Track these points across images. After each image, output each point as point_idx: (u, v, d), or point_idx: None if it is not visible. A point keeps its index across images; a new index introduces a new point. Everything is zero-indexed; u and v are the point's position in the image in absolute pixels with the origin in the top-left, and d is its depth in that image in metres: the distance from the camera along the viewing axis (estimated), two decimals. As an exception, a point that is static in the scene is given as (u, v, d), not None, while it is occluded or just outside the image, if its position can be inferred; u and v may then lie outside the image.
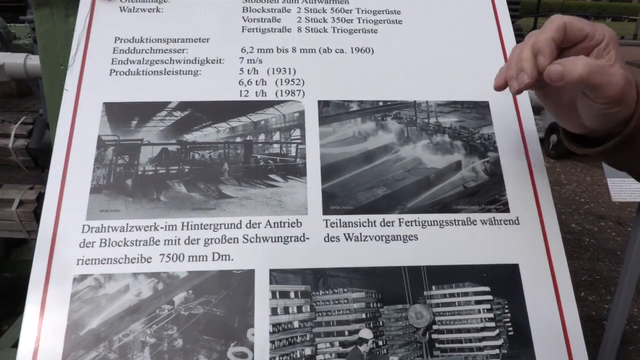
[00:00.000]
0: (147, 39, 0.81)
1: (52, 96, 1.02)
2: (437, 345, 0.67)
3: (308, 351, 0.65)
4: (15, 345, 1.98)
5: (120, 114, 0.76)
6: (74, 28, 0.88)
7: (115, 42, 0.81)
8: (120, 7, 0.83)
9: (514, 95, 0.59)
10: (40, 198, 1.94)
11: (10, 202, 1.97)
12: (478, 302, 0.69)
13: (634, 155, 0.60)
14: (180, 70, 0.80)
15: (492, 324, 0.68)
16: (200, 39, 0.82)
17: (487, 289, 0.69)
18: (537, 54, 0.56)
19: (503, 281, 0.70)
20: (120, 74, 0.79)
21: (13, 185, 2.07)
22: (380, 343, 0.66)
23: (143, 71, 0.79)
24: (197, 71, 0.80)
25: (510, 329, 0.68)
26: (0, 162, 1.98)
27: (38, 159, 1.96)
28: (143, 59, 0.80)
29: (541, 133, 5.15)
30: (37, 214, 1.94)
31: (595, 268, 3.21)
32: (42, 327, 0.64)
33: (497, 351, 0.66)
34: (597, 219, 3.93)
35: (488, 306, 0.69)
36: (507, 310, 0.68)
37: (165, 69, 0.79)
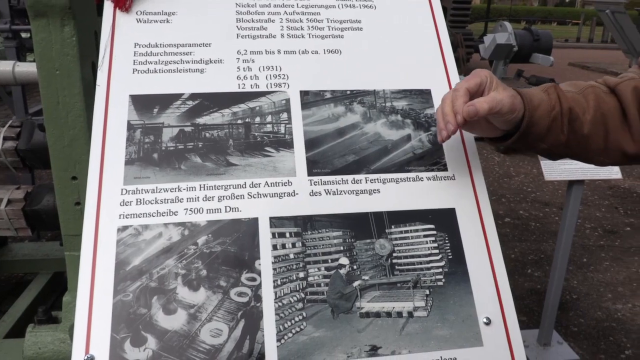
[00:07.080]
0: (161, 44, 1.02)
1: (48, 99, 1.11)
2: (396, 267, 0.90)
3: (301, 275, 0.87)
4: (6, 336, 2.10)
5: (144, 103, 0.96)
6: (69, 37, 1.03)
7: (135, 47, 1.01)
8: (136, 19, 1.03)
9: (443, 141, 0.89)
10: (27, 197, 2.06)
11: (-2, 201, 2.08)
12: (426, 236, 0.92)
13: (532, 141, 0.88)
14: (189, 69, 1.00)
15: (437, 251, 0.91)
16: (203, 43, 1.03)
17: (432, 226, 0.93)
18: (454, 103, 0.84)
19: (444, 221, 0.94)
20: (141, 72, 0.99)
21: (0, 185, 2.17)
22: (355, 267, 0.89)
23: (159, 70, 1.00)
24: (203, 69, 1.01)
25: (450, 254, 0.92)
26: (-12, 164, 2.09)
27: (26, 160, 2.08)
28: (159, 60, 1.00)
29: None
30: (25, 212, 2.06)
31: (541, 248, 3.54)
32: (96, 266, 0.84)
33: (440, 270, 0.90)
34: (542, 205, 4.30)
35: (433, 239, 0.92)
36: (447, 241, 0.92)
37: (177, 68, 1.00)
